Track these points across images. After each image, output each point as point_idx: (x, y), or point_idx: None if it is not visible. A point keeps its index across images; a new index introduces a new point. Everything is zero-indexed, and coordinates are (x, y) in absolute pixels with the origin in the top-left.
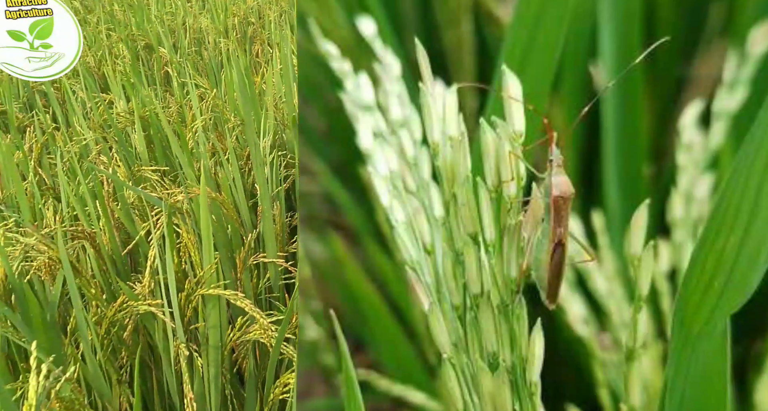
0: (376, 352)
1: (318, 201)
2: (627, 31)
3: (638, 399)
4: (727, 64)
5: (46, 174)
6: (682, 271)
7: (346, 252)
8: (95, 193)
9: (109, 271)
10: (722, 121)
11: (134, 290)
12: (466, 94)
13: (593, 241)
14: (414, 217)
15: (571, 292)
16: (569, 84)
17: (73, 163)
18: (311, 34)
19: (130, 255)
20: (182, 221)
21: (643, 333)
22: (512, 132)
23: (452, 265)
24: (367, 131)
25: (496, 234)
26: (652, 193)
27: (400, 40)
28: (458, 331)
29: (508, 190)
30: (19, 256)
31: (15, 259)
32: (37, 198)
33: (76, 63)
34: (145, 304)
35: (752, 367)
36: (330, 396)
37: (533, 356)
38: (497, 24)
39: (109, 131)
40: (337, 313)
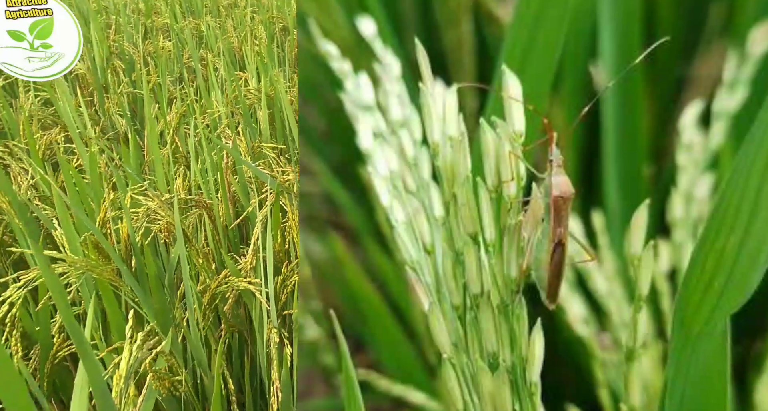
0: (376, 352)
1: (318, 201)
2: (627, 31)
3: (638, 399)
4: (727, 64)
5: (182, 143)
6: (682, 271)
7: (346, 252)
8: (218, 164)
9: (221, 242)
10: (722, 121)
11: (238, 265)
12: (466, 94)
13: (593, 241)
14: (414, 217)
15: (571, 292)
16: (569, 84)
17: (203, 135)
18: (311, 34)
19: (243, 228)
20: (289, 201)
21: (643, 333)
22: (512, 132)
23: (452, 265)
24: (367, 131)
25: (496, 234)
26: (652, 193)
27: (400, 40)
28: (458, 331)
29: (508, 190)
30: (141, 219)
31: (138, 220)
32: (171, 165)
33: (76, 63)
34: (245, 282)
35: (752, 367)
36: (330, 396)
37: (533, 356)
38: (497, 24)
39: (238, 107)
40: (337, 313)
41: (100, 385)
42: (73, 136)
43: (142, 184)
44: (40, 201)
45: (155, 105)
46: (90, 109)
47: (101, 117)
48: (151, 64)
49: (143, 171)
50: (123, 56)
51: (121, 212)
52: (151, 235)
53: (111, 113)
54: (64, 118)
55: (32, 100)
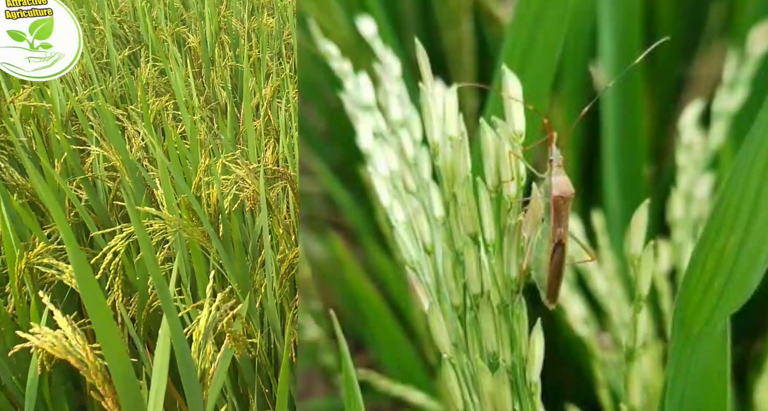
0: (376, 352)
1: (318, 201)
2: (627, 31)
3: (638, 399)
4: (727, 64)
5: (274, 116)
6: (682, 271)
7: (346, 252)
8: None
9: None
10: (722, 121)
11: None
12: (466, 94)
13: (593, 241)
14: (414, 217)
15: (571, 292)
16: (569, 84)
17: (293, 110)
18: (311, 34)
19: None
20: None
21: (643, 333)
22: (512, 132)
23: (452, 265)
24: (367, 131)
25: (496, 234)
26: (652, 193)
27: (400, 40)
28: (458, 331)
29: (508, 190)
30: (231, 185)
31: (228, 187)
32: (262, 137)
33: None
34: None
35: (752, 367)
36: (330, 396)
37: (533, 356)
38: (497, 24)
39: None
40: (337, 313)
41: (180, 338)
42: (180, 104)
43: (234, 153)
44: (148, 162)
45: (253, 79)
46: (197, 80)
47: (206, 88)
48: (254, 39)
49: (237, 141)
50: (230, 31)
51: (213, 178)
52: (238, 202)
53: (214, 85)
54: (173, 87)
55: (150, 70)
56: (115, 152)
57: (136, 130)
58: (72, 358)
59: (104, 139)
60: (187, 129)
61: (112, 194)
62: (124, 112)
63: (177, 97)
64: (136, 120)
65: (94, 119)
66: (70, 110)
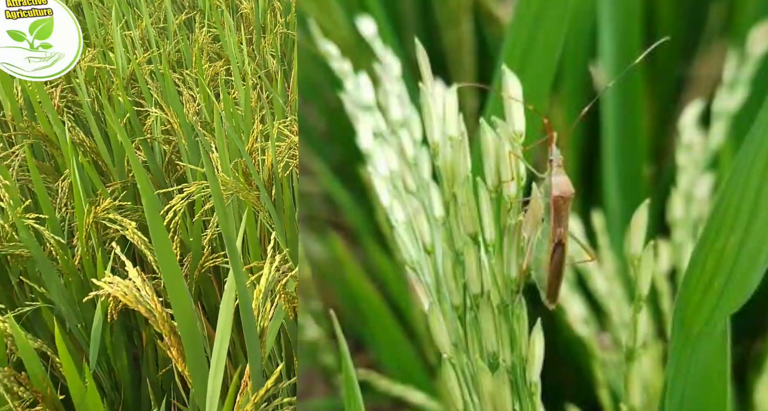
0: (376, 352)
1: (318, 201)
2: (627, 31)
3: (638, 399)
4: (727, 64)
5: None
6: (682, 271)
7: (346, 252)
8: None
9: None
10: (722, 121)
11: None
12: (466, 94)
13: (593, 241)
14: (414, 217)
15: (571, 292)
16: (569, 84)
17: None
18: (311, 34)
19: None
20: None
21: (643, 333)
22: (512, 132)
23: (452, 265)
24: (367, 131)
25: (496, 234)
26: (652, 193)
27: (400, 40)
28: (458, 331)
29: (508, 190)
30: (284, 151)
31: (281, 153)
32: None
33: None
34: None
35: (752, 367)
36: (330, 396)
37: (533, 356)
38: (497, 24)
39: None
40: (337, 313)
41: (244, 291)
42: (233, 69)
43: (286, 120)
44: (200, 126)
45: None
46: (248, 47)
47: (257, 55)
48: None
49: (286, 109)
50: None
51: (266, 144)
52: (290, 170)
53: (265, 52)
54: (227, 53)
55: (204, 35)
56: (174, 115)
57: (191, 94)
58: (142, 308)
59: (163, 102)
60: (239, 95)
61: (167, 157)
62: (180, 76)
63: (231, 63)
64: (192, 85)
65: (151, 82)
66: (131, 73)
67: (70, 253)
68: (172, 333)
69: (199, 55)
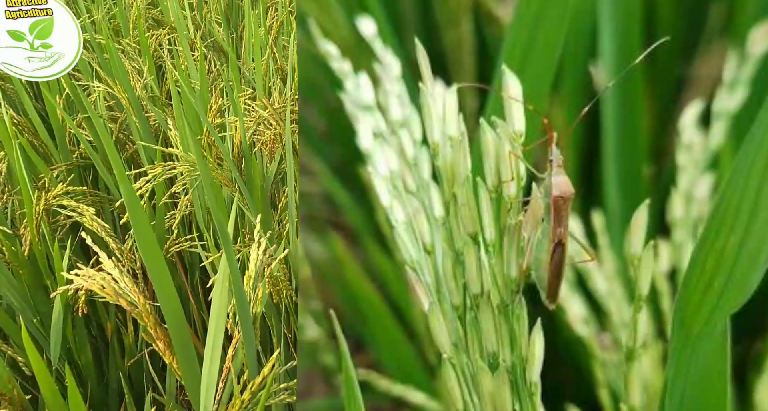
0: (376, 352)
1: (318, 201)
2: (627, 31)
3: (638, 399)
4: (727, 64)
5: (279, 55)
6: (682, 271)
7: (346, 252)
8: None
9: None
10: (722, 121)
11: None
12: (466, 94)
13: (593, 241)
14: (414, 217)
15: (571, 292)
16: (569, 84)
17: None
18: (311, 34)
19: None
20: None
21: (643, 333)
22: (512, 132)
23: (452, 265)
24: (367, 131)
25: (496, 234)
26: (652, 193)
27: (400, 40)
28: (458, 331)
29: (508, 190)
30: (252, 127)
31: (248, 128)
32: (269, 75)
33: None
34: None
35: (752, 367)
36: (330, 396)
37: (533, 356)
38: (497, 24)
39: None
40: (337, 313)
41: (237, 278)
42: (181, 38)
43: (247, 92)
44: (150, 102)
45: (254, 11)
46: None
47: (201, 23)
48: None
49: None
50: None
51: (223, 120)
52: (257, 147)
53: (208, 20)
54: (171, 19)
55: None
56: (121, 90)
57: (134, 67)
58: (123, 301)
59: (107, 75)
60: (189, 66)
61: (114, 136)
62: (119, 46)
63: (178, 31)
64: (133, 55)
65: (87, 53)
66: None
67: (18, 244)
68: (157, 325)
69: (140, 22)
